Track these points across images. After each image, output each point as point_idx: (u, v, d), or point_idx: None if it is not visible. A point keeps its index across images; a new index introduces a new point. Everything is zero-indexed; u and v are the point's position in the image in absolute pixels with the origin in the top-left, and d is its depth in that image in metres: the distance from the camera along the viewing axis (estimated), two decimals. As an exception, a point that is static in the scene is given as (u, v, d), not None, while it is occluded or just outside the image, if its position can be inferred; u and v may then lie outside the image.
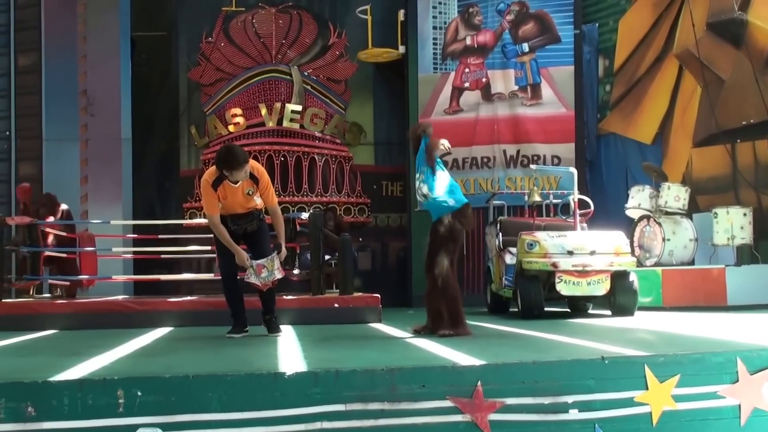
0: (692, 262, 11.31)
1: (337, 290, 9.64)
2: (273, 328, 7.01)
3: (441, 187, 6.62)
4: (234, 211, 6.93)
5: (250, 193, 6.86)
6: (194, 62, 15.89)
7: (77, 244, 10.76)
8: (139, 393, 3.82)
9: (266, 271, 6.91)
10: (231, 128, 15.31)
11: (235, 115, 15.41)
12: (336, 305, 8.95)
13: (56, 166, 14.43)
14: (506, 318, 9.27)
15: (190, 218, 14.56)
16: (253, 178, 6.82)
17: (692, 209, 11.66)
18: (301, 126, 15.45)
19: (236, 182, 6.75)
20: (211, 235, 7.33)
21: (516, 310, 9.35)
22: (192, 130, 15.77)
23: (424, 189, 6.63)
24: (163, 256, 11.97)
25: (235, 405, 3.89)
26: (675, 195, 11.36)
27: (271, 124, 15.29)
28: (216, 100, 15.68)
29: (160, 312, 9.01)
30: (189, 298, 10.44)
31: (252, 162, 6.84)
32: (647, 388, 4.21)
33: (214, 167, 6.80)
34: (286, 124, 15.33)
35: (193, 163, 15.77)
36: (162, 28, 16.14)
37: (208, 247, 10.56)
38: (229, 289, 7.09)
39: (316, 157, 15.37)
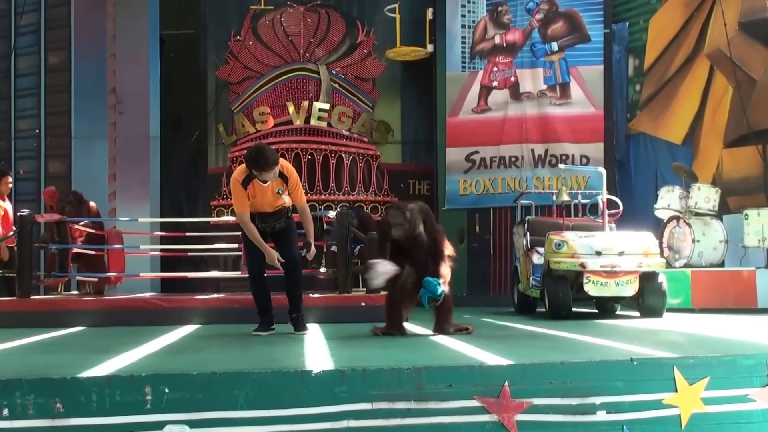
0: (722, 264, 11.20)
1: (364, 289, 9.64)
2: (299, 327, 7.02)
3: None
4: (263, 210, 6.93)
5: (280, 192, 6.85)
6: (222, 60, 15.97)
7: (105, 241, 10.85)
8: (167, 390, 3.82)
9: None
10: (259, 126, 15.36)
11: (263, 113, 15.46)
12: (363, 304, 8.94)
13: (85, 164, 14.57)
14: (533, 318, 9.21)
15: (218, 216, 14.64)
16: (282, 177, 6.83)
17: (722, 210, 11.54)
18: (329, 124, 15.48)
19: (266, 181, 6.77)
20: (239, 233, 7.34)
21: (543, 310, 9.29)
22: (220, 128, 15.86)
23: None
24: (190, 253, 12.03)
25: (261, 402, 3.88)
26: (705, 196, 11.24)
27: (298, 123, 15.34)
28: (244, 98, 15.75)
29: (187, 309, 9.03)
30: (216, 295, 10.48)
31: (281, 161, 6.84)
32: (676, 390, 4.16)
33: (243, 165, 6.81)
34: (313, 122, 15.38)
35: (220, 161, 15.86)
36: (190, 26, 16.23)
37: (235, 245, 10.60)
38: (256, 287, 7.08)
39: (343, 155, 15.40)
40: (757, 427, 4.22)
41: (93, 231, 10.72)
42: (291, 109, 15.39)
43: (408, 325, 8.07)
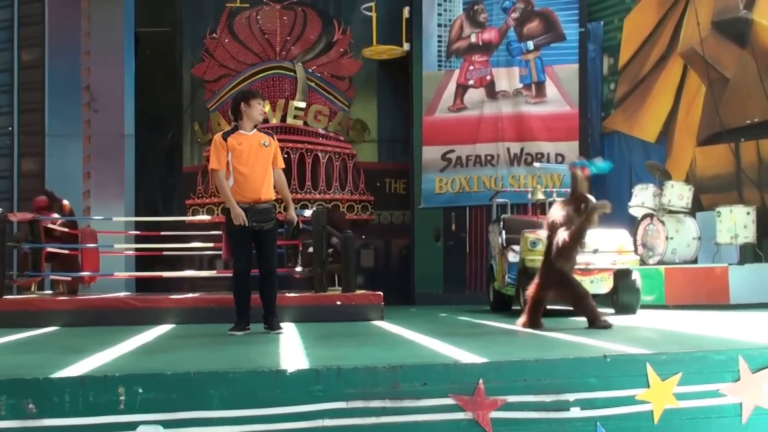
0: (695, 261, 11.30)
1: (340, 288, 9.64)
2: (274, 326, 6.99)
3: None
4: (252, 174, 6.84)
5: (266, 144, 6.92)
6: (198, 58, 15.89)
7: (79, 240, 10.75)
8: (140, 390, 3.81)
9: None
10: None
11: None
12: (338, 303, 8.94)
13: (59, 162, 14.42)
14: (509, 316, 9.24)
15: (193, 215, 14.57)
16: (267, 133, 7.07)
17: (696, 208, 11.65)
18: (305, 123, 15.44)
19: (251, 130, 6.89)
20: (216, 232, 7.34)
21: (519, 308, 9.32)
22: (195, 127, 15.78)
23: None
24: (165, 252, 11.96)
25: (236, 402, 3.88)
26: (678, 193, 11.34)
27: (274, 121, 15.26)
28: (220, 96, 15.67)
29: (162, 309, 8.98)
30: (191, 295, 10.44)
31: None
32: (649, 386, 4.19)
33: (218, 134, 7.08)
34: (289, 120, 15.33)
35: (196, 160, 15.78)
36: (166, 24, 16.13)
37: (211, 244, 10.56)
38: (239, 286, 7.01)
39: (319, 154, 15.36)
40: (729, 421, 4.26)
41: (67, 230, 10.63)
42: (267, 107, 15.26)
43: (383, 324, 8.10)
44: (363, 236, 15.13)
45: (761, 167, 11.56)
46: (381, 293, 9.15)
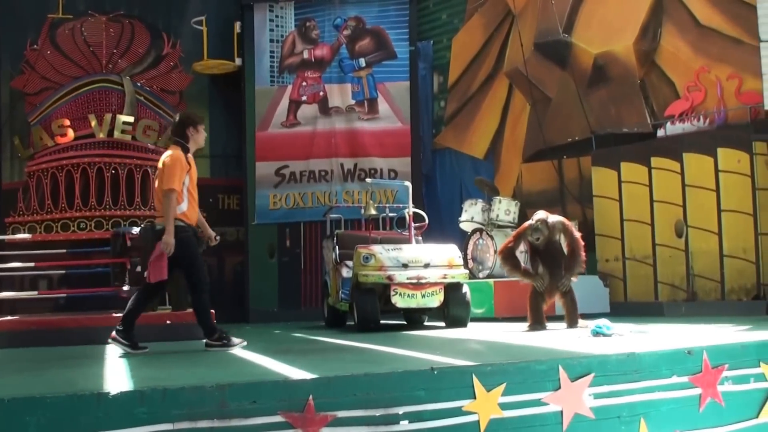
0: (522, 274, 11.70)
1: (170, 306, 9.38)
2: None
3: None
4: (197, 197, 7.01)
5: None
6: (18, 70, 15.11)
7: None
8: (-55, 421, 3.56)
9: None
10: (58, 139, 14.61)
11: (63, 126, 14.70)
12: (168, 322, 8.71)
13: None
14: (343, 331, 9.28)
15: (13, 234, 13.78)
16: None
17: (522, 222, 12.04)
18: (134, 138, 14.95)
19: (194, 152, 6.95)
20: (38, 251, 7.02)
21: (353, 323, 9.37)
22: (15, 141, 14.97)
23: None
24: (-19, 274, 11.27)
25: (55, 428, 3.68)
26: (505, 208, 11.75)
27: (101, 136, 14.69)
28: (42, 109, 14.94)
29: (-23, 334, 8.46)
30: (9, 318, 9.87)
31: None
32: (475, 397, 4.28)
33: (174, 149, 6.77)
34: (117, 135, 14.77)
35: (16, 176, 14.94)
36: (-19, 34, 15.25)
37: (31, 264, 10.06)
38: (208, 300, 6.88)
39: (149, 169, 14.89)
40: (551, 428, 4.41)
41: None
42: (93, 122, 14.73)
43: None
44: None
45: (582, 183, 12.15)
46: (213, 311, 8.95)
